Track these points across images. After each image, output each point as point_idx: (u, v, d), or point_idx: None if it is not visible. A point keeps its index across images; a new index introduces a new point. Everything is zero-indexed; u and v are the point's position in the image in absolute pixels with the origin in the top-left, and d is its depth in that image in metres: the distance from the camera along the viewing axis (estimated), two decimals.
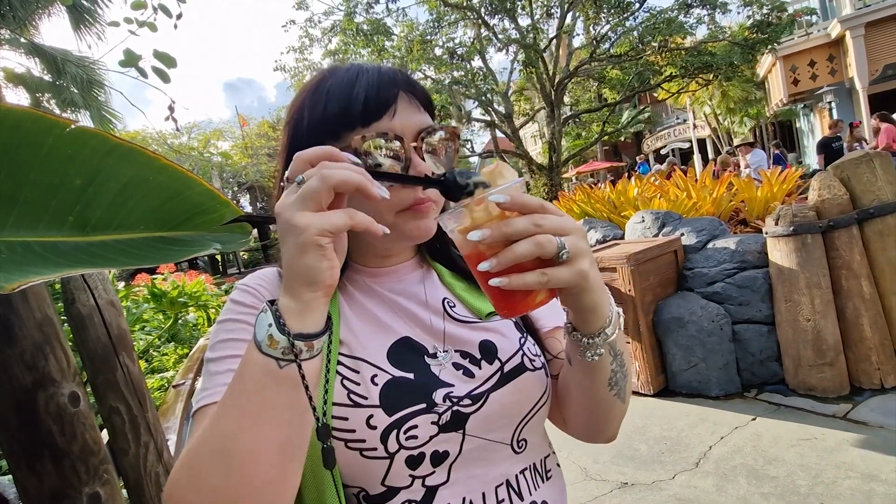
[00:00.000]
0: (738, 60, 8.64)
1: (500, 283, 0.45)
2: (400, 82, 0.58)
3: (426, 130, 0.58)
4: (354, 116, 0.56)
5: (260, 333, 0.44)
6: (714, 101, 15.59)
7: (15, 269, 0.46)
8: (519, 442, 0.61)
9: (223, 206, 0.58)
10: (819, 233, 2.92)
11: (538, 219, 0.45)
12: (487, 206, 0.46)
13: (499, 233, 0.44)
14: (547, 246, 0.44)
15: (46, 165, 0.48)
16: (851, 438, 2.44)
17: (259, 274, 0.65)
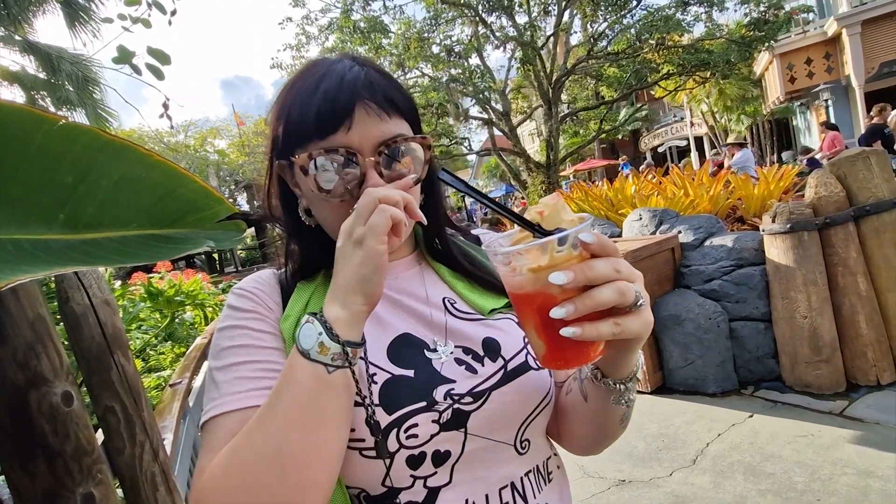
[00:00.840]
0: (735, 58, 8.64)
1: (572, 334, 0.42)
2: (360, 90, 0.56)
3: (385, 143, 0.56)
4: (309, 129, 0.55)
5: (306, 342, 0.46)
6: (711, 98, 15.61)
7: (4, 266, 0.45)
8: (522, 443, 0.60)
9: (217, 204, 0.57)
10: (815, 230, 2.93)
11: (616, 263, 0.43)
12: (572, 242, 0.44)
13: (583, 276, 0.42)
14: (628, 295, 0.43)
15: (36, 162, 0.47)
16: (848, 435, 2.45)
17: (255, 277, 0.65)
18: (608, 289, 0.42)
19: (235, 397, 0.53)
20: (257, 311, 0.60)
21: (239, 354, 0.56)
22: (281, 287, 0.64)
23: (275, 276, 0.66)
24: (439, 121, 10.05)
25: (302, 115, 0.56)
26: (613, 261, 0.44)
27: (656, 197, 4.73)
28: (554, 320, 0.43)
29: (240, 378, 0.54)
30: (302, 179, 0.58)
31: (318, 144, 0.55)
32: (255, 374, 0.54)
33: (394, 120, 0.58)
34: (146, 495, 1.29)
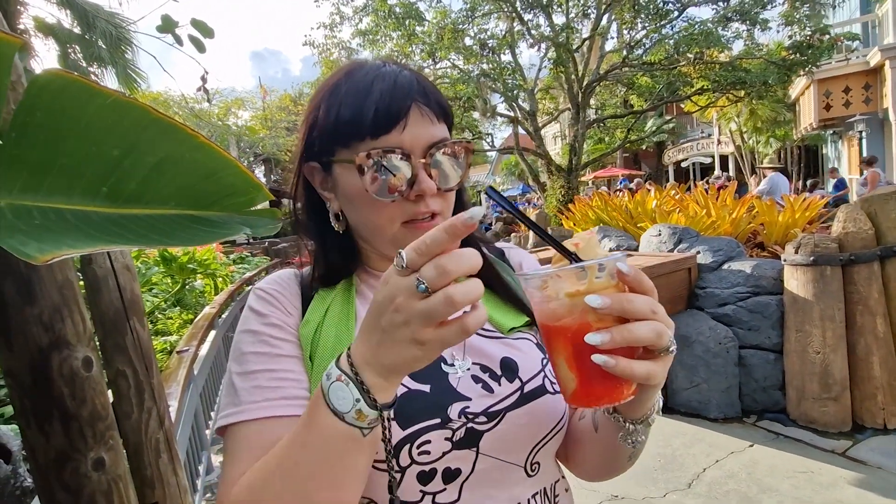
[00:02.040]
0: (773, 80, 8.44)
1: (604, 363, 0.42)
2: (415, 93, 0.56)
3: (436, 145, 0.56)
4: (364, 128, 0.55)
5: (341, 405, 0.43)
6: (741, 118, 15.32)
7: (48, 237, 0.45)
8: (532, 465, 0.60)
9: (255, 190, 0.57)
10: (839, 265, 2.87)
11: (654, 303, 0.43)
12: (610, 270, 0.44)
13: (619, 306, 0.42)
14: (663, 338, 0.43)
15: (86, 134, 0.47)
16: (849, 476, 2.42)
17: (275, 279, 0.65)
18: (646, 326, 0.42)
19: (253, 406, 0.54)
20: (276, 316, 0.60)
21: (258, 362, 0.57)
22: (301, 289, 0.64)
23: (295, 278, 0.66)
24: (465, 114, 9.98)
25: (355, 114, 0.55)
26: (651, 300, 0.43)
27: (677, 214, 4.66)
28: (587, 352, 0.43)
29: (258, 387, 0.55)
30: (346, 180, 0.57)
31: (369, 144, 0.55)
32: (272, 383, 0.55)
33: (440, 124, 0.58)
34: (149, 461, 1.31)
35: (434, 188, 0.56)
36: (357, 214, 0.60)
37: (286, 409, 0.54)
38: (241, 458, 0.52)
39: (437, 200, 0.58)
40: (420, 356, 0.42)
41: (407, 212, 0.57)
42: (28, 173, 0.47)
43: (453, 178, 0.59)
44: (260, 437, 0.52)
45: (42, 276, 0.79)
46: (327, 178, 0.61)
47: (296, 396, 0.55)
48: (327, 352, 0.57)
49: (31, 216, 0.47)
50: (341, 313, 0.61)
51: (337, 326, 0.59)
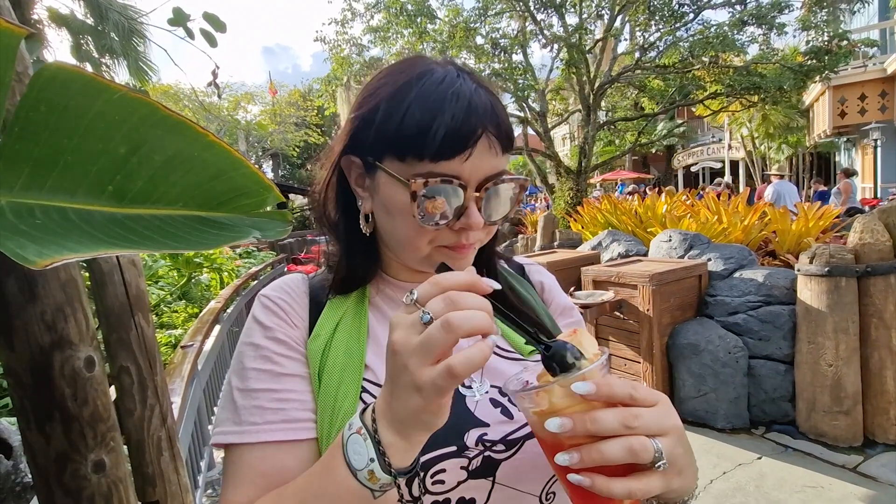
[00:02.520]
0: (788, 86, 8.30)
1: (579, 482, 0.40)
2: (488, 117, 0.51)
3: (493, 180, 0.52)
4: (427, 149, 0.49)
5: (357, 461, 0.41)
6: (753, 123, 15.15)
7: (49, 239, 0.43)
8: (548, 495, 0.57)
9: (266, 191, 0.55)
10: (854, 277, 2.81)
11: (630, 418, 0.39)
12: (569, 390, 0.41)
13: (582, 429, 0.39)
14: (642, 454, 0.39)
15: (91, 130, 0.45)
16: (859, 493, 2.37)
17: (282, 285, 0.61)
18: (615, 445, 0.39)
19: (253, 429, 0.52)
20: (282, 330, 0.57)
21: (259, 380, 0.54)
22: (310, 296, 0.61)
23: (304, 284, 0.62)
24: None
25: (421, 131, 0.49)
26: (624, 413, 0.40)
27: (688, 219, 4.61)
28: (564, 470, 0.41)
29: (258, 407, 0.53)
30: (390, 191, 0.53)
31: (427, 167, 0.50)
32: (274, 404, 0.53)
33: (502, 156, 0.54)
34: (151, 458, 1.29)
35: (481, 224, 0.52)
36: (392, 227, 0.56)
37: (288, 433, 0.52)
38: (242, 483, 0.50)
39: (480, 233, 0.55)
40: (421, 405, 0.38)
41: (447, 239, 0.54)
42: (30, 170, 0.45)
43: (501, 212, 0.55)
44: (262, 462, 0.51)
45: (45, 274, 0.77)
46: (366, 177, 0.57)
47: (298, 419, 0.53)
48: (336, 368, 0.54)
49: (32, 215, 0.44)
50: (352, 327, 0.58)
51: (347, 342, 0.56)
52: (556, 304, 0.70)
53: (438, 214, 0.51)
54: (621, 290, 3.29)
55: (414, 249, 0.55)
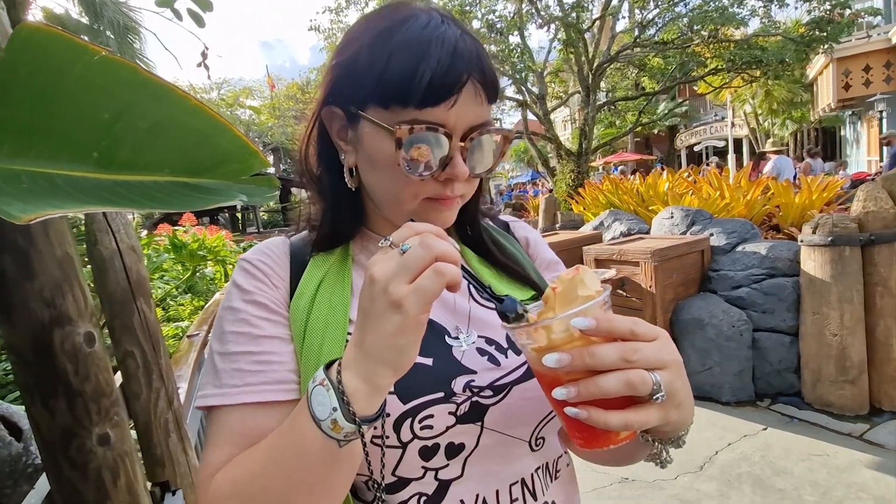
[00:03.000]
0: (790, 58, 8.15)
1: (576, 415, 0.41)
2: (473, 64, 0.50)
3: (478, 130, 0.52)
4: (412, 95, 0.48)
5: (320, 412, 0.41)
6: (756, 99, 14.94)
7: (34, 199, 0.43)
8: (537, 440, 0.58)
9: (252, 157, 0.55)
10: (858, 246, 2.79)
11: (629, 351, 0.40)
12: (568, 326, 0.41)
13: (581, 363, 0.40)
14: (640, 387, 0.39)
15: (73, 95, 0.45)
16: (866, 459, 2.38)
17: (262, 248, 0.60)
18: (613, 378, 0.39)
19: (233, 391, 0.51)
20: (261, 292, 0.56)
21: (238, 343, 0.53)
22: (291, 257, 0.60)
23: (285, 245, 0.61)
24: None
25: (405, 76, 0.48)
26: (623, 347, 0.40)
27: (690, 196, 4.58)
28: (561, 403, 0.41)
29: (238, 370, 0.52)
30: (373, 142, 0.52)
31: (412, 114, 0.49)
32: (253, 367, 0.52)
33: (487, 105, 0.53)
34: (158, 440, 1.31)
35: (466, 174, 0.52)
36: (376, 180, 0.55)
37: (268, 394, 0.51)
38: (222, 444, 0.50)
39: (465, 185, 0.55)
40: (400, 324, 0.39)
41: (432, 191, 0.53)
42: (14, 136, 0.45)
43: (486, 164, 0.55)
44: (242, 424, 0.50)
45: (41, 251, 0.77)
46: (349, 129, 0.55)
47: (278, 381, 0.52)
48: (319, 325, 0.54)
49: (18, 180, 0.45)
50: (336, 284, 0.57)
51: (331, 298, 0.56)
52: (542, 258, 0.70)
53: (423, 164, 0.50)
54: (623, 267, 3.28)
55: (399, 202, 0.54)
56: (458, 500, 0.53)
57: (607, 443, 0.43)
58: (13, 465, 1.13)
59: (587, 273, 0.44)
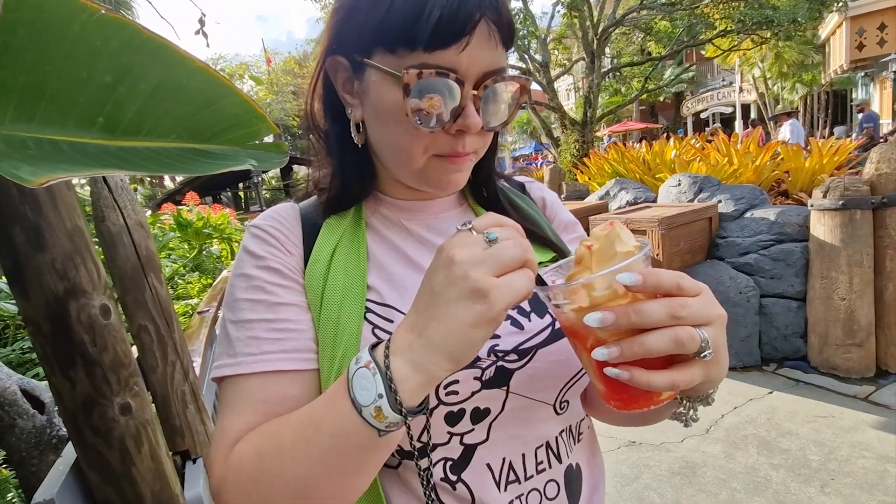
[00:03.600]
0: (802, 17, 7.87)
1: (617, 376, 0.39)
2: (487, 4, 0.46)
3: (492, 77, 0.48)
4: (420, 36, 0.44)
5: (362, 397, 0.39)
6: (766, 63, 14.53)
7: (43, 164, 0.43)
8: (562, 404, 0.57)
9: (259, 121, 0.53)
10: (870, 209, 2.75)
11: (677, 307, 0.37)
12: (611, 283, 0.39)
13: (627, 321, 0.37)
14: (689, 345, 0.37)
15: (73, 57, 0.43)
16: (871, 420, 2.41)
17: (272, 214, 0.58)
18: (660, 336, 0.37)
19: (250, 359, 0.49)
20: (275, 258, 0.54)
21: (253, 310, 0.51)
22: (303, 222, 0.57)
23: (294, 210, 0.58)
24: None
25: (412, 15, 0.44)
26: (671, 303, 0.38)
27: (698, 163, 4.51)
28: (601, 364, 0.40)
29: (254, 338, 0.50)
30: (380, 91, 0.49)
31: (420, 58, 0.45)
32: (271, 335, 0.50)
33: (500, 50, 0.49)
34: (177, 411, 1.34)
35: (479, 125, 0.48)
36: (384, 134, 0.52)
37: (287, 363, 0.49)
38: (240, 411, 0.48)
39: (477, 139, 0.51)
40: (481, 314, 0.37)
41: (442, 145, 0.50)
42: (18, 100, 0.44)
43: (500, 117, 0.51)
44: (263, 391, 0.49)
45: (51, 224, 0.77)
46: (354, 80, 0.52)
47: (298, 349, 0.50)
48: (337, 293, 0.52)
49: (25, 146, 0.44)
50: (351, 249, 0.55)
51: (346, 264, 0.54)
52: (559, 219, 0.69)
53: (434, 116, 0.47)
54: None
55: (408, 158, 0.51)
56: (485, 464, 0.53)
57: (648, 403, 0.42)
58: (38, 437, 1.16)
59: (622, 229, 0.41)
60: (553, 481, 0.56)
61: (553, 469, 0.57)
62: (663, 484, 2.13)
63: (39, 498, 0.79)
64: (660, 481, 2.15)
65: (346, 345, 0.49)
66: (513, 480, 0.54)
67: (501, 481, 0.54)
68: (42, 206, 0.74)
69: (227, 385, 0.50)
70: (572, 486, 0.58)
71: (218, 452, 0.47)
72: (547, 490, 0.56)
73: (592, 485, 0.61)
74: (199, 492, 1.15)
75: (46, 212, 0.75)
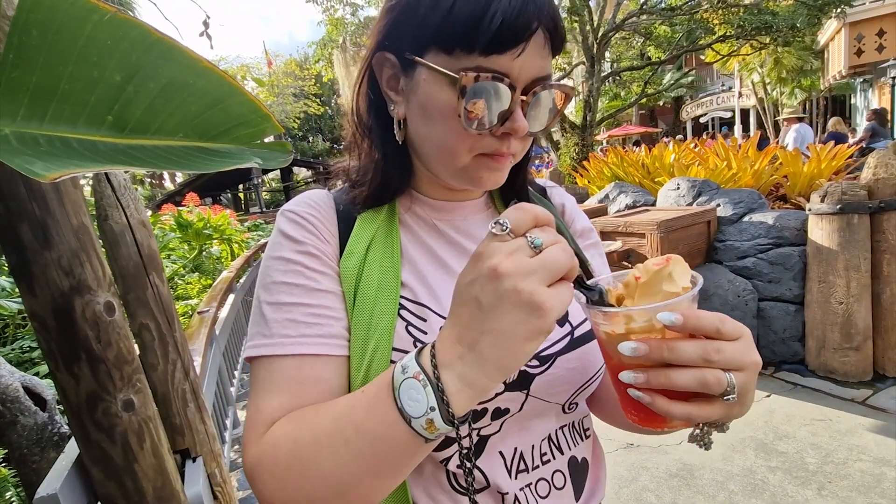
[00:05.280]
0: (801, 23, 7.91)
1: (639, 398, 0.40)
2: (545, 11, 0.46)
3: (541, 83, 0.49)
4: (479, 39, 0.45)
5: (412, 409, 0.39)
6: (765, 68, 14.58)
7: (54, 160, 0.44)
8: (571, 405, 0.60)
9: (265, 121, 0.54)
10: (867, 213, 2.77)
11: (711, 352, 0.38)
12: (651, 316, 0.39)
13: (659, 356, 0.38)
14: (714, 388, 0.38)
15: (85, 56, 0.45)
16: (868, 423, 2.41)
17: (307, 200, 0.58)
18: (687, 374, 0.38)
19: (287, 341, 0.50)
20: (313, 244, 0.54)
21: (292, 294, 0.52)
22: (338, 212, 0.58)
23: (329, 199, 0.59)
24: None
25: (473, 17, 0.44)
26: (705, 346, 0.38)
27: (696, 167, 4.53)
28: (626, 384, 0.41)
29: (291, 321, 0.51)
30: (430, 90, 0.49)
31: (476, 61, 0.46)
32: (308, 318, 0.51)
33: (549, 57, 0.50)
34: (177, 409, 1.35)
35: (525, 130, 0.49)
36: (429, 132, 0.52)
37: (324, 347, 0.50)
38: (276, 391, 0.49)
39: (520, 143, 0.52)
40: (537, 328, 0.36)
41: (487, 147, 0.51)
42: (30, 99, 0.45)
43: (542, 122, 0.52)
44: (299, 371, 0.49)
45: (58, 221, 0.78)
46: (401, 77, 0.53)
47: (334, 335, 0.51)
48: (372, 286, 0.53)
49: (36, 143, 0.45)
50: (385, 245, 0.56)
51: (381, 260, 0.55)
52: (576, 225, 0.70)
53: (484, 117, 0.47)
54: (629, 239, 3.28)
55: (453, 157, 0.51)
56: (497, 451, 0.56)
57: (663, 425, 0.43)
58: (40, 433, 1.17)
59: (678, 264, 0.41)
60: (559, 472, 0.59)
61: (557, 460, 0.59)
62: (661, 486, 2.13)
63: (42, 493, 0.80)
64: (657, 483, 2.15)
65: (379, 338, 0.50)
66: (522, 469, 0.57)
67: (512, 469, 0.56)
68: (49, 204, 0.75)
69: (261, 365, 0.51)
70: (578, 477, 0.61)
71: (253, 431, 0.48)
72: (555, 480, 0.59)
73: (595, 480, 0.64)
74: (198, 490, 1.16)
75: (53, 209, 0.76)
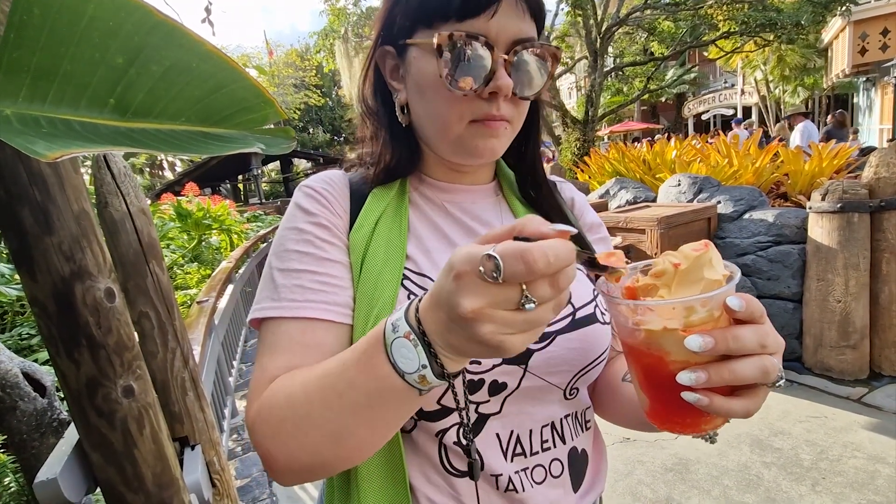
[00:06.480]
0: (806, 21, 7.87)
1: (696, 402, 0.37)
2: None
3: (522, 43, 0.52)
4: (451, 8, 0.50)
5: (405, 365, 0.39)
6: (768, 66, 14.52)
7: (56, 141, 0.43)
8: (571, 390, 0.60)
9: (268, 106, 0.54)
10: (868, 212, 2.77)
11: (765, 336, 0.38)
12: (711, 305, 0.37)
13: (724, 346, 0.36)
14: (770, 375, 0.37)
15: (87, 38, 0.44)
16: (863, 421, 2.43)
17: (324, 178, 0.62)
18: (751, 365, 0.37)
19: (294, 304, 0.53)
20: (324, 217, 0.58)
21: (302, 261, 0.55)
22: (351, 189, 0.62)
23: (344, 177, 0.63)
24: None
25: None
26: (761, 331, 0.38)
27: (698, 164, 4.53)
28: (676, 388, 0.38)
29: (299, 286, 0.53)
30: (420, 65, 0.54)
31: (454, 26, 0.50)
32: (315, 285, 0.54)
33: (529, 21, 0.53)
34: (176, 398, 1.35)
35: (510, 87, 0.52)
36: (425, 109, 0.56)
37: (328, 313, 0.53)
38: (281, 352, 0.51)
39: (510, 106, 0.55)
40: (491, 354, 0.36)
41: (477, 110, 0.53)
42: (31, 80, 0.44)
43: (533, 85, 0.54)
44: (303, 335, 0.52)
45: (59, 206, 0.78)
46: (400, 65, 0.58)
47: (338, 303, 0.54)
48: (378, 258, 0.56)
49: (38, 125, 0.45)
50: (393, 221, 0.59)
51: (388, 234, 0.58)
52: (585, 220, 0.72)
53: (469, 79, 0.50)
54: (629, 235, 3.28)
55: (447, 127, 0.55)
56: (495, 433, 0.56)
57: (695, 430, 0.41)
58: (39, 419, 1.17)
59: (714, 253, 0.39)
60: (557, 460, 0.59)
61: (557, 449, 0.59)
62: (656, 479, 2.15)
63: (42, 477, 0.80)
64: (653, 477, 2.17)
65: (382, 306, 0.52)
66: (519, 453, 0.57)
67: (508, 452, 0.57)
68: (50, 189, 0.75)
69: (268, 326, 0.54)
70: (577, 468, 0.61)
71: (256, 389, 0.50)
72: (552, 468, 0.59)
73: (596, 472, 0.65)
74: (197, 477, 1.16)
75: (54, 194, 0.75)
